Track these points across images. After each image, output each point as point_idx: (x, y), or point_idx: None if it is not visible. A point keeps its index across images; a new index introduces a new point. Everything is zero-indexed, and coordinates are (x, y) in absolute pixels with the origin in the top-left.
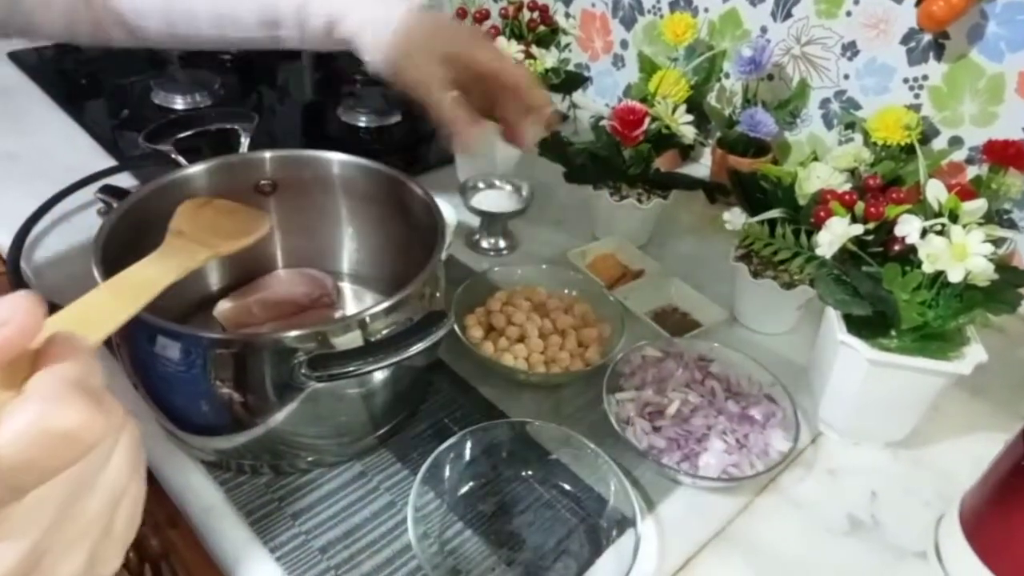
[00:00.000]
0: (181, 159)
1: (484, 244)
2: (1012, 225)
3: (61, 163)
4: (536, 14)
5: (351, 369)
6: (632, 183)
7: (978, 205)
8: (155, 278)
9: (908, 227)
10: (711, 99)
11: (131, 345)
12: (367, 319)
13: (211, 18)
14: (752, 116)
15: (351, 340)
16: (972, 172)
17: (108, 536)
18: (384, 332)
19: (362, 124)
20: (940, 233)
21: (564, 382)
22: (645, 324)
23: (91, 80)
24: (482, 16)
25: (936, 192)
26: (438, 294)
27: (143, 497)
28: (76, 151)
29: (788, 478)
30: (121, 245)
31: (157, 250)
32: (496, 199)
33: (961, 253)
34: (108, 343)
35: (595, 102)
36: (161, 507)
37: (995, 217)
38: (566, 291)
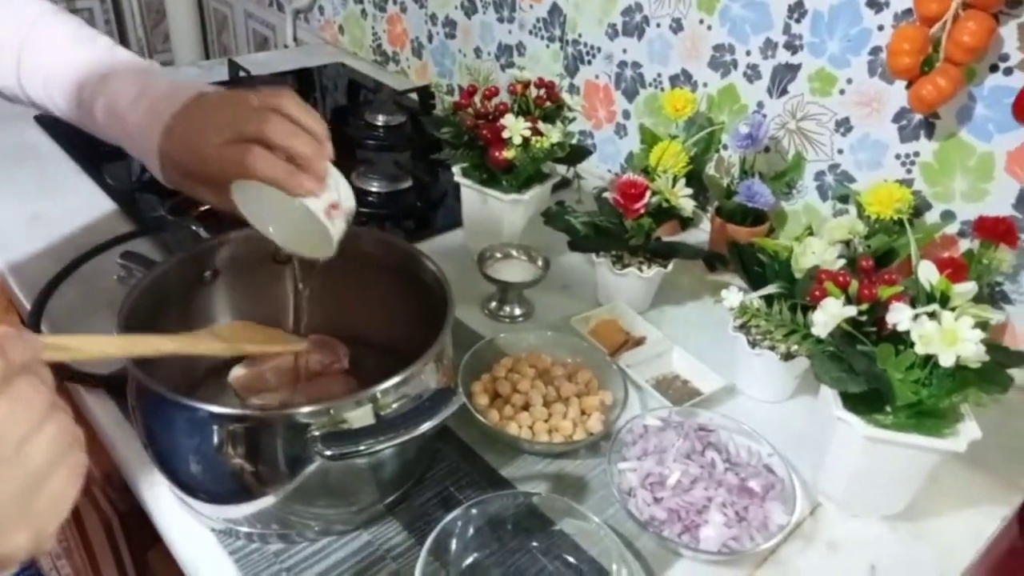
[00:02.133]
0: (202, 231)
1: (500, 312)
2: (1004, 297)
3: (82, 225)
4: (543, 91)
5: (363, 448)
6: (633, 252)
7: (968, 288)
8: (164, 344)
9: (899, 315)
10: (710, 169)
11: (145, 413)
12: (378, 395)
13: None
14: (749, 187)
15: (363, 415)
16: (964, 245)
17: (23, 511)
18: (395, 405)
19: (374, 189)
20: (932, 316)
21: (567, 451)
22: (647, 392)
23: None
24: (491, 93)
25: (927, 274)
26: (446, 362)
27: (73, 490)
28: (97, 213)
29: (788, 550)
30: (142, 317)
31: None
32: (512, 268)
33: (951, 338)
34: (124, 409)
35: (598, 168)
36: (169, 571)
37: (987, 290)
38: (570, 358)
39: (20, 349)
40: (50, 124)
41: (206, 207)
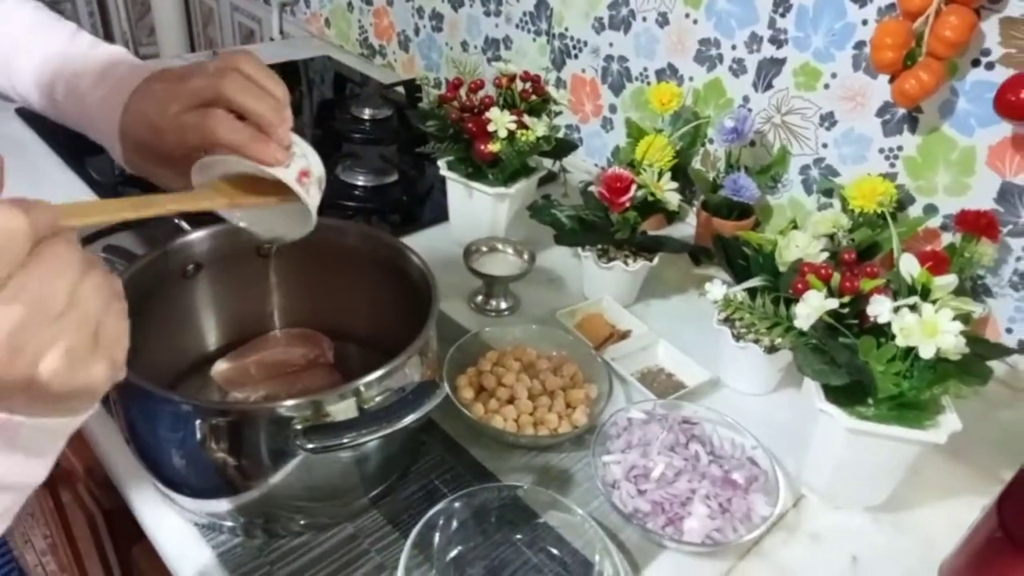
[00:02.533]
0: (184, 224)
1: (486, 305)
2: (986, 291)
3: None
4: (529, 84)
5: (345, 441)
6: (619, 246)
7: (949, 280)
8: (171, 204)
9: (879, 308)
10: (695, 163)
11: (127, 408)
12: (361, 388)
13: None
14: (735, 181)
15: (346, 408)
16: (947, 239)
17: (92, 347)
18: (378, 399)
19: (360, 183)
20: (912, 309)
21: (552, 444)
22: (632, 385)
23: None
24: (477, 86)
25: (909, 267)
26: (430, 355)
27: (125, 328)
28: (72, 195)
29: (771, 541)
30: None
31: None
32: (498, 262)
33: (932, 330)
34: (105, 403)
35: (584, 162)
36: (154, 568)
37: (969, 283)
38: (555, 352)
39: (43, 213)
40: (32, 117)
41: None
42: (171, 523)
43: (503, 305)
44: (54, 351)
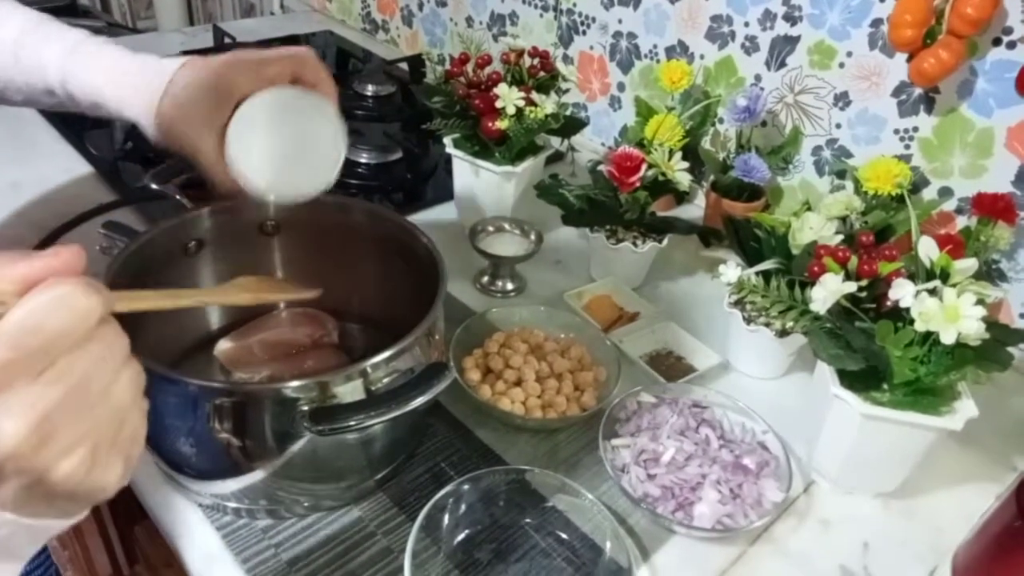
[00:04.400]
0: (186, 200)
1: (492, 286)
2: (1001, 275)
3: (64, 194)
4: (537, 60)
5: (353, 423)
6: (628, 227)
7: (969, 264)
8: (205, 297)
9: (901, 291)
10: (705, 143)
11: None
12: (368, 369)
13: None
14: (746, 162)
15: (352, 390)
16: (961, 222)
17: (112, 446)
18: (385, 380)
19: (363, 160)
20: (932, 293)
21: (560, 427)
22: (640, 368)
23: None
24: (484, 62)
25: (928, 250)
26: (437, 337)
27: (145, 426)
28: (78, 182)
29: (781, 527)
30: (124, 288)
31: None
32: (504, 242)
33: (953, 315)
34: None
35: (592, 141)
36: (156, 548)
37: (984, 268)
38: (563, 334)
39: (106, 296)
40: None
41: (191, 175)
42: (174, 504)
43: (509, 286)
44: (81, 449)
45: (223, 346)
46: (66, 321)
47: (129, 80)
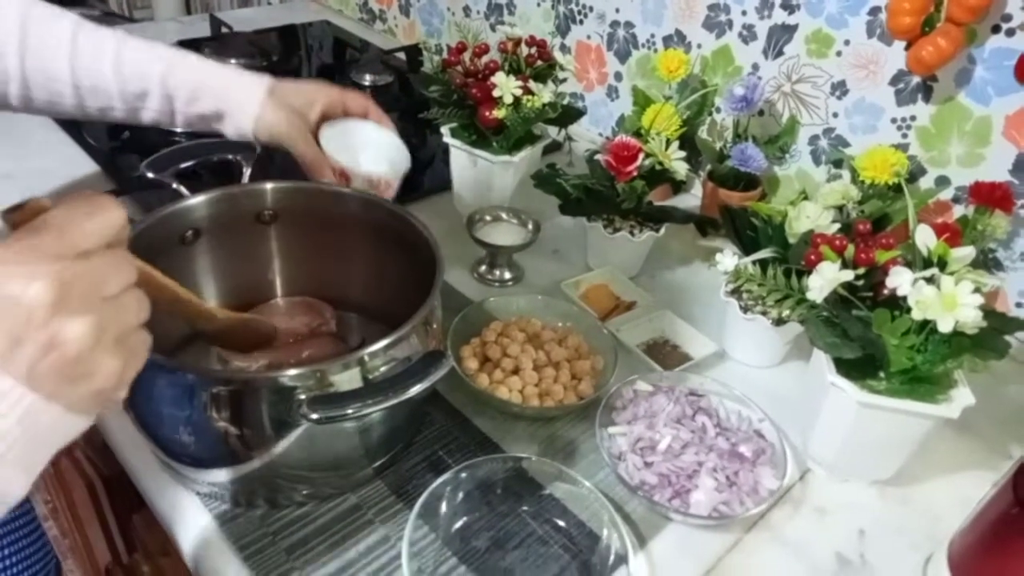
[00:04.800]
0: (183, 189)
1: (489, 275)
2: (997, 264)
3: (60, 184)
4: (534, 49)
5: (350, 411)
6: (625, 216)
7: (966, 252)
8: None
9: (899, 279)
10: (702, 132)
11: None
12: (366, 357)
13: (71, 89)
14: (743, 151)
15: (350, 379)
16: (958, 211)
17: (115, 341)
18: (383, 369)
19: None
20: (930, 281)
21: (558, 415)
22: (637, 357)
23: None
24: (481, 51)
25: (925, 238)
26: (435, 326)
27: (143, 357)
28: (75, 172)
29: (777, 515)
30: None
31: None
32: (502, 232)
33: (951, 303)
34: None
35: (589, 131)
36: (154, 536)
37: (981, 257)
38: (560, 323)
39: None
40: None
41: (188, 164)
42: (172, 492)
43: (507, 275)
44: (89, 320)
45: None
46: (96, 222)
47: (231, 76)
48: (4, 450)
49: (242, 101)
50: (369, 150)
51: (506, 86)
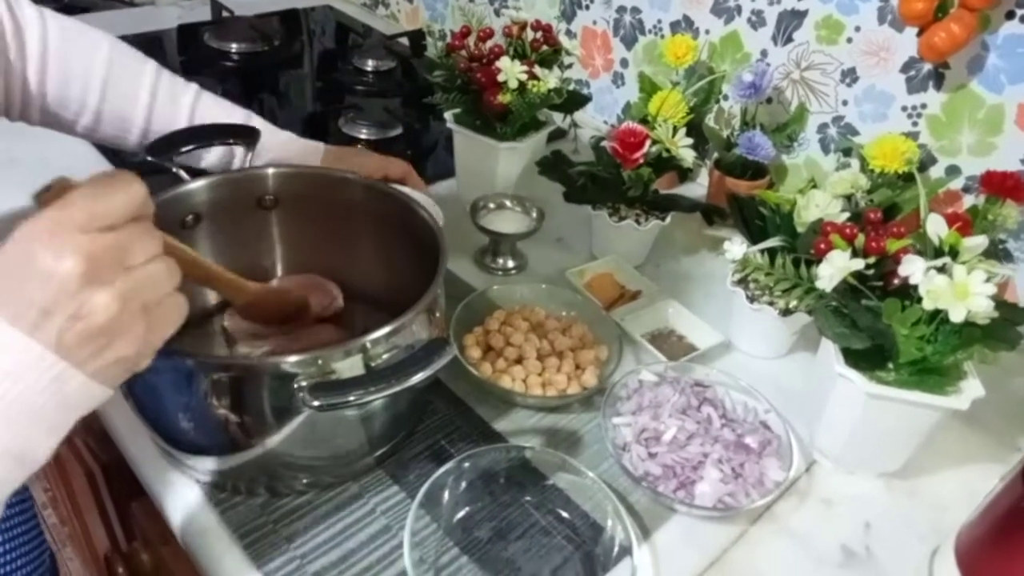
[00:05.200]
0: (183, 173)
1: (493, 264)
2: (1007, 255)
3: (61, 168)
4: (540, 34)
5: (352, 398)
6: (631, 204)
7: (978, 242)
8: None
9: (912, 267)
10: (709, 120)
11: None
12: (368, 344)
13: (140, 131)
14: (750, 139)
15: (352, 365)
16: (968, 201)
17: (141, 310)
18: (385, 356)
19: (363, 136)
20: (941, 270)
21: (561, 405)
22: (642, 347)
23: None
24: (486, 35)
25: (937, 227)
26: (438, 314)
27: (176, 322)
28: (75, 157)
29: (783, 507)
30: None
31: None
32: (505, 219)
33: (963, 292)
34: None
35: (594, 119)
36: (153, 524)
37: (991, 248)
38: (564, 312)
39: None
40: None
41: (189, 148)
42: (172, 480)
43: (510, 264)
44: (114, 288)
45: (231, 317)
46: (120, 197)
47: (289, 141)
48: (35, 416)
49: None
50: None
51: (511, 71)
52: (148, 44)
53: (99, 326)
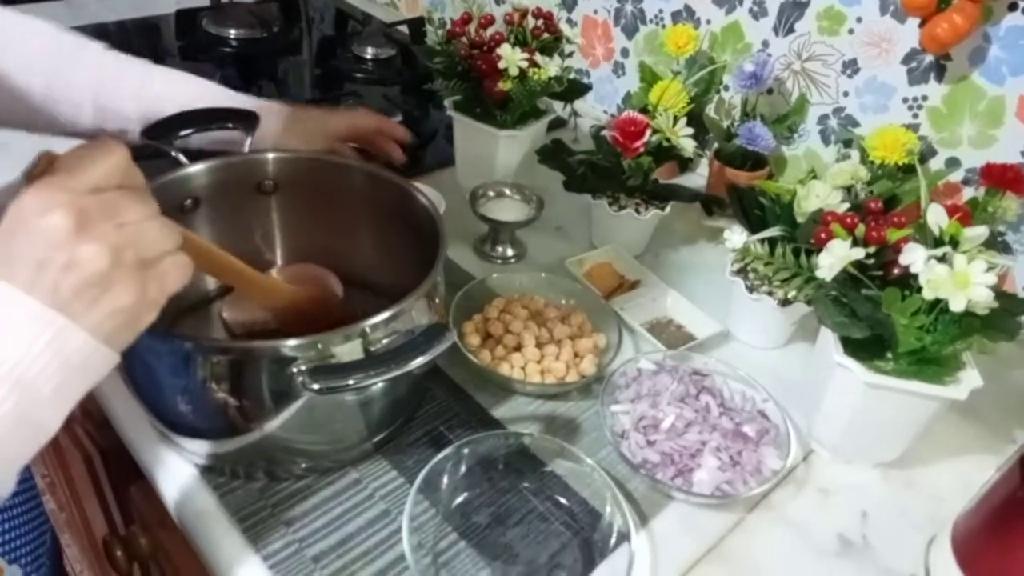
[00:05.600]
0: (182, 157)
1: (492, 252)
2: (1007, 248)
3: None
4: (541, 21)
5: (351, 382)
6: (631, 193)
7: (979, 232)
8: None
9: (912, 256)
10: (710, 111)
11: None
12: (367, 329)
13: (137, 124)
14: (751, 130)
15: (351, 350)
16: (968, 193)
17: (136, 266)
18: (384, 342)
19: None
20: (942, 260)
21: (560, 393)
22: (641, 336)
23: None
24: (487, 22)
25: (937, 217)
26: (437, 300)
27: (178, 281)
28: (70, 141)
29: (780, 495)
30: None
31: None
32: (505, 208)
33: (963, 282)
34: None
35: (594, 108)
36: (152, 508)
37: (991, 240)
38: (563, 300)
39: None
40: None
41: (187, 132)
42: (170, 464)
43: (509, 252)
44: (104, 240)
45: (230, 310)
46: (102, 161)
47: (254, 104)
48: (40, 377)
49: (263, 129)
50: None
51: (512, 58)
52: (146, 30)
53: (91, 275)
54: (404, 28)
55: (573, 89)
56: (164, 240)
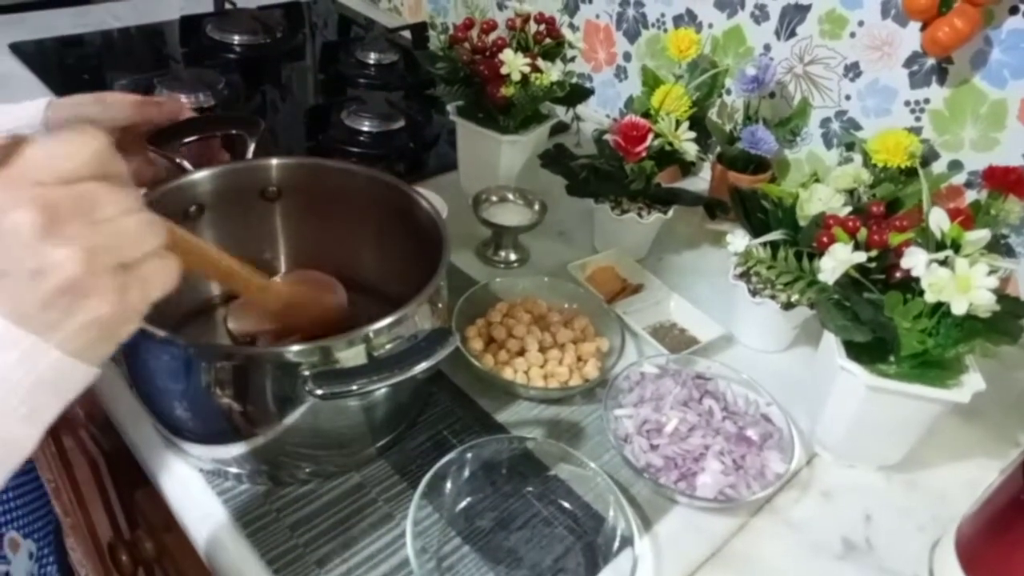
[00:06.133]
0: (186, 163)
1: (495, 256)
2: (1009, 251)
3: None
4: (543, 27)
5: (355, 387)
6: (633, 198)
7: (981, 235)
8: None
9: (914, 259)
10: (712, 114)
11: (131, 352)
12: (371, 334)
13: None
14: (753, 133)
15: (355, 355)
16: (970, 196)
17: (114, 268)
18: (388, 346)
19: (365, 129)
20: (943, 264)
21: (563, 397)
22: (644, 339)
23: (93, 75)
24: (489, 27)
25: (939, 221)
26: (440, 305)
27: (163, 283)
28: None
29: (783, 499)
30: None
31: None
32: (507, 212)
33: (965, 285)
34: None
35: (596, 112)
36: (157, 512)
37: (993, 243)
38: (566, 304)
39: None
40: (26, 52)
41: (192, 139)
42: (175, 468)
43: (512, 256)
44: (78, 241)
45: (234, 320)
46: (74, 148)
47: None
48: (12, 399)
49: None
50: None
51: (514, 64)
52: (150, 36)
53: (63, 283)
54: (407, 33)
55: (575, 93)
56: (146, 238)
